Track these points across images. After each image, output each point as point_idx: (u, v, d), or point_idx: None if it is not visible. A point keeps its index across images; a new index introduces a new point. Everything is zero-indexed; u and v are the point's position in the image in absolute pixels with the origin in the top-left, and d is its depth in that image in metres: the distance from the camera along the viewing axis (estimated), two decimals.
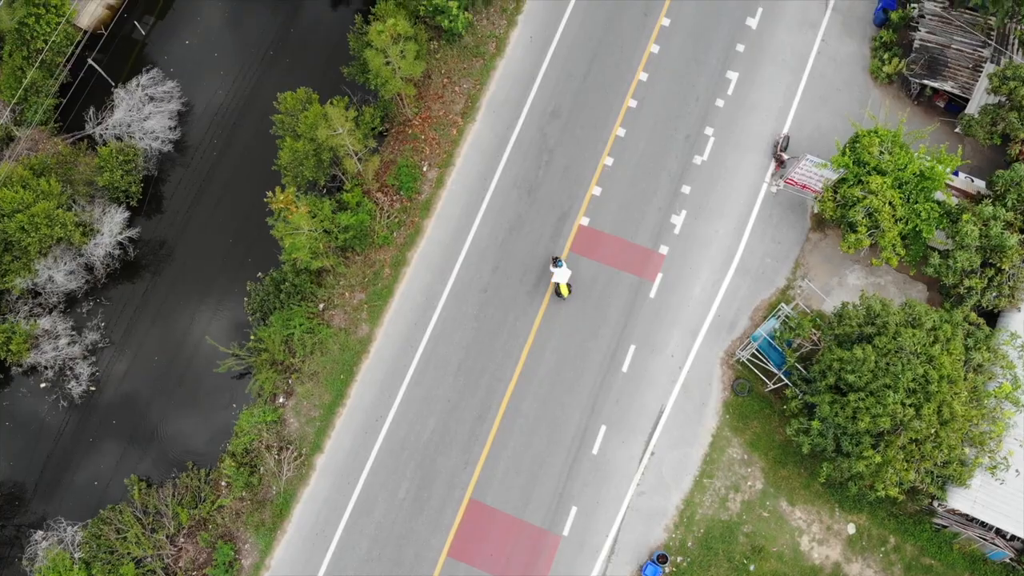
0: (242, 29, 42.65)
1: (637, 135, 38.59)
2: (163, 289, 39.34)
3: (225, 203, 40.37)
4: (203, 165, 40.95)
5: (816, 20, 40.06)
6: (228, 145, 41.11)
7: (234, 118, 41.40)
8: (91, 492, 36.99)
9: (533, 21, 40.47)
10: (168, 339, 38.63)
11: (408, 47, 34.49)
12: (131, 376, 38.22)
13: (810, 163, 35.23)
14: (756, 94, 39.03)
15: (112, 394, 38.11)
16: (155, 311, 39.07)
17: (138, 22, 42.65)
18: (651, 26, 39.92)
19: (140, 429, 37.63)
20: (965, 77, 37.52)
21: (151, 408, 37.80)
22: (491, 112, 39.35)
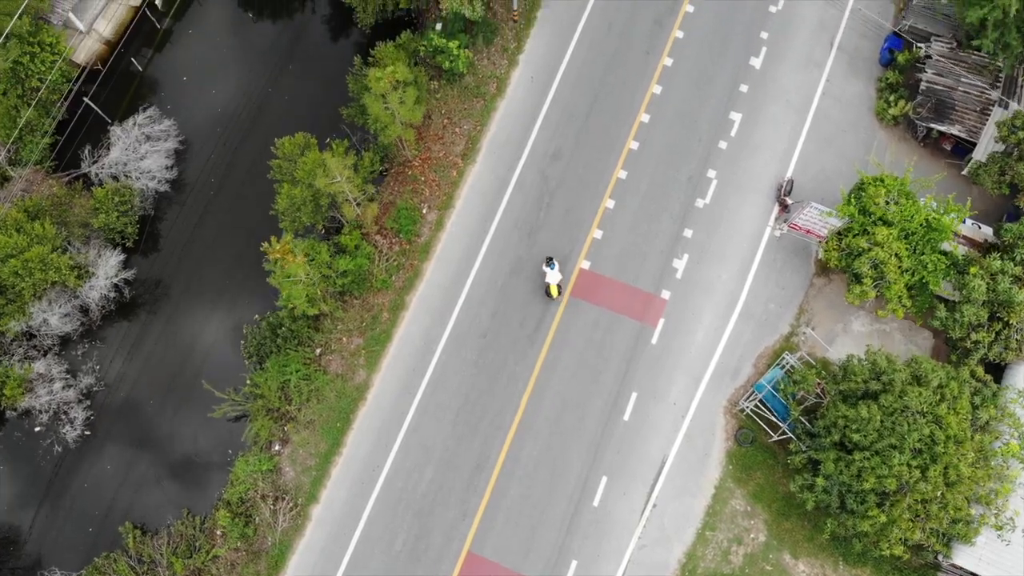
0: (240, 66, 42.26)
1: (639, 177, 38.11)
2: (159, 331, 38.91)
3: (222, 242, 39.94)
4: (200, 203, 40.54)
5: (821, 60, 39.59)
6: (225, 183, 40.71)
7: (232, 155, 41.00)
8: (85, 539, 36.51)
9: (534, 61, 40.04)
10: (164, 382, 38.16)
11: (408, 93, 34.06)
12: (126, 420, 37.76)
13: (815, 210, 34.71)
14: (760, 135, 38.55)
15: (107, 438, 37.65)
16: (151, 353, 38.62)
17: (135, 59, 42.29)
18: (653, 66, 39.46)
19: (135, 474, 37.15)
20: (972, 121, 36.99)
21: (146, 453, 37.33)
22: (491, 153, 38.90)
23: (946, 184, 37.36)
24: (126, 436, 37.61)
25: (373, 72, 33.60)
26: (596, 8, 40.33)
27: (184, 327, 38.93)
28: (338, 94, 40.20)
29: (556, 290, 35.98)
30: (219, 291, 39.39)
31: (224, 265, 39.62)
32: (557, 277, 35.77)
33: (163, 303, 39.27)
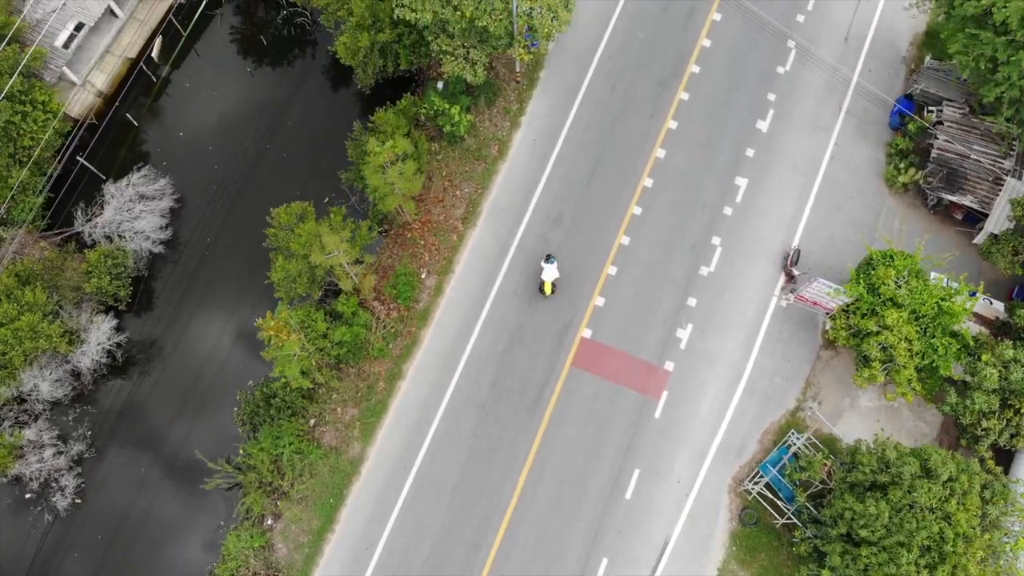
0: (238, 121, 41.54)
1: (642, 243, 37.32)
2: (152, 396, 38.16)
3: (216, 303, 39.24)
4: (195, 263, 39.83)
5: (829, 124, 38.81)
6: (221, 242, 40.00)
7: (227, 213, 40.30)
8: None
9: (537, 122, 39.31)
10: (156, 448, 37.41)
11: (407, 166, 33.33)
12: (118, 488, 36.98)
13: (823, 286, 33.87)
14: (766, 201, 37.75)
15: (98, 507, 36.86)
16: (143, 418, 37.88)
17: (132, 112, 41.63)
18: (657, 129, 38.71)
19: (126, 544, 36.33)
20: (984, 191, 36.16)
21: (137, 522, 36.51)
22: (493, 217, 38.14)
23: (955, 249, 36.58)
24: (117, 505, 36.81)
25: (372, 144, 32.88)
26: (600, 69, 39.62)
27: (177, 391, 38.17)
28: (337, 151, 39.52)
29: (550, 287, 35.53)
30: (213, 353, 38.63)
31: (219, 326, 38.90)
32: (553, 274, 35.41)
33: (156, 366, 38.52)
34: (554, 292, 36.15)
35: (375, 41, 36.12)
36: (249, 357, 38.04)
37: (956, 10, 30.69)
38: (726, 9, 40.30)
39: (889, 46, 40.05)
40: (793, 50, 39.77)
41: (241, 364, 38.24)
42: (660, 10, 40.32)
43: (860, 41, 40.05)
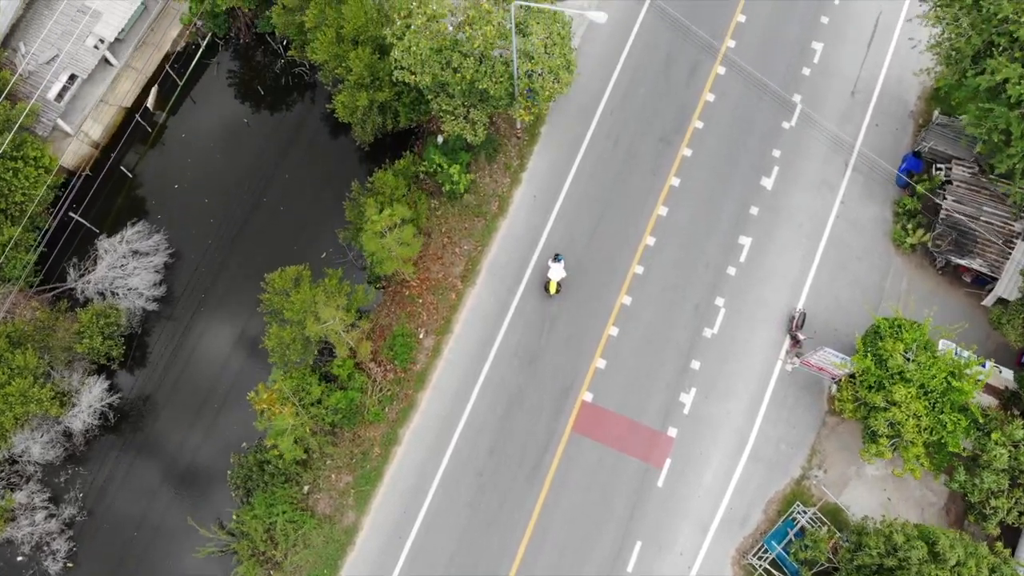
0: (234, 173, 40.92)
1: (643, 304, 36.61)
2: (144, 456, 37.50)
3: (210, 361, 38.57)
4: (189, 319, 39.18)
5: (835, 181, 38.10)
6: (214, 299, 39.37)
7: (222, 269, 39.66)
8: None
9: (537, 178, 38.64)
10: (149, 512, 36.71)
11: (405, 231, 32.67)
12: (109, 553, 36.29)
13: (828, 355, 33.14)
14: (770, 262, 37.03)
15: (90, 571, 36.16)
16: (135, 480, 37.20)
17: (126, 163, 41.02)
18: (660, 186, 38.03)
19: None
20: (994, 254, 35.42)
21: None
22: (492, 275, 37.45)
23: (964, 312, 35.91)
24: (109, 569, 36.12)
25: (371, 212, 32.24)
26: (602, 124, 38.96)
27: (170, 452, 37.50)
28: (335, 204, 38.99)
29: (555, 287, 35.66)
30: (207, 412, 37.95)
31: (213, 385, 38.22)
32: (560, 274, 35.38)
33: (149, 426, 37.87)
34: (559, 292, 36.11)
35: (374, 100, 35.48)
36: (243, 416, 37.19)
37: (968, 81, 29.99)
38: (730, 63, 39.65)
39: (897, 100, 39.35)
40: (799, 105, 39.08)
41: (235, 424, 37.52)
42: (663, 65, 39.68)
43: (867, 95, 39.37)
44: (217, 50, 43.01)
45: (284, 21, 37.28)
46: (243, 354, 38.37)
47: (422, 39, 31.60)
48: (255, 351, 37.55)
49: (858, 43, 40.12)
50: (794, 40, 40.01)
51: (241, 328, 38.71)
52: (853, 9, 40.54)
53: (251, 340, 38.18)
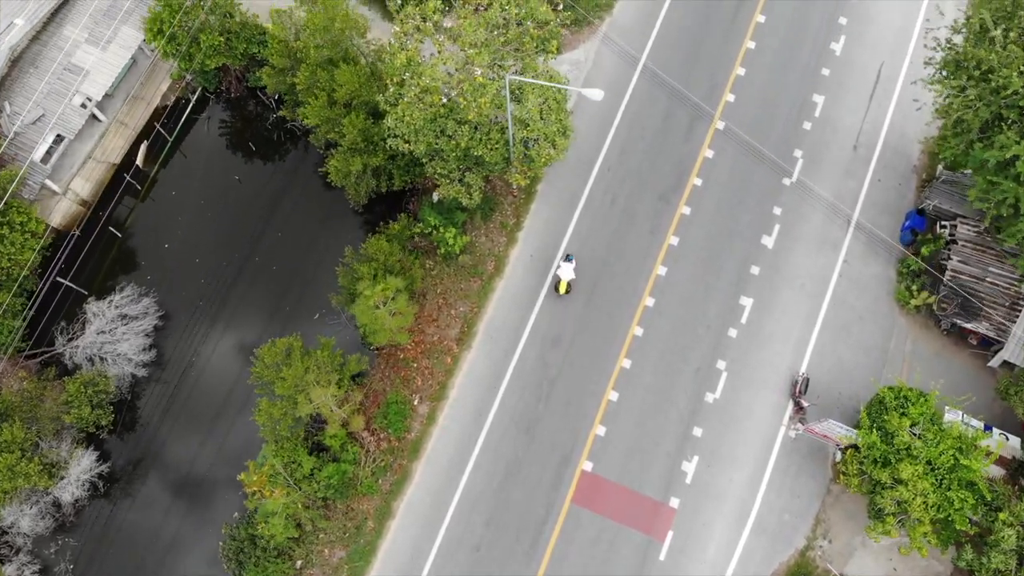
0: (225, 232, 40.16)
1: (644, 366, 35.86)
2: (135, 526, 36.68)
3: (201, 426, 37.77)
4: (178, 383, 38.38)
5: (838, 239, 37.36)
6: (204, 361, 38.56)
7: (212, 330, 38.88)
8: None
9: (534, 238, 37.91)
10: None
11: (399, 302, 31.93)
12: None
13: (833, 426, 32.39)
14: (772, 323, 36.28)
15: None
16: (126, 551, 36.40)
17: (115, 221, 40.22)
18: (658, 245, 37.30)
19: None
20: (1000, 316, 34.69)
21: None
22: (488, 338, 36.69)
23: (970, 375, 35.20)
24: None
25: (363, 286, 31.51)
26: (599, 182, 38.25)
27: (161, 521, 36.69)
28: (328, 264, 38.35)
29: (565, 286, 35.73)
30: (198, 479, 37.19)
31: (203, 451, 37.43)
32: (570, 274, 35.37)
33: (139, 496, 37.07)
34: (569, 292, 36.03)
35: (368, 164, 34.76)
36: (234, 484, 36.36)
37: (975, 153, 29.26)
38: (730, 117, 38.96)
39: (900, 154, 38.64)
40: (800, 160, 38.38)
41: (227, 492, 36.72)
42: (660, 121, 38.97)
43: (870, 149, 38.66)
44: (208, 104, 42.27)
45: (275, 82, 36.55)
46: (232, 419, 37.57)
47: (415, 110, 30.86)
48: (245, 415, 36.74)
49: (860, 95, 39.42)
50: (794, 93, 39.31)
51: (231, 390, 37.93)
52: (855, 60, 39.84)
53: (240, 404, 37.40)
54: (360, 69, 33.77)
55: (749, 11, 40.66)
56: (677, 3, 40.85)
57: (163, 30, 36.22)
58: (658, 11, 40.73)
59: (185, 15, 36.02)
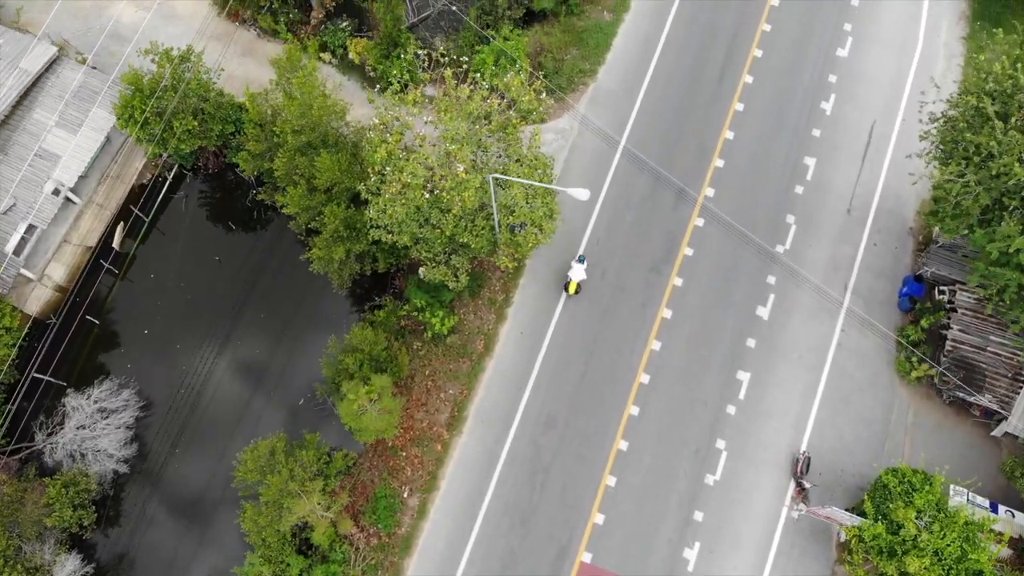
0: (206, 315, 39.00)
1: (642, 449, 34.89)
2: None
3: (186, 519, 36.63)
4: (160, 474, 37.22)
5: (834, 307, 36.49)
6: (186, 452, 37.36)
7: (194, 419, 37.68)
8: None
9: (524, 314, 36.93)
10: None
11: (385, 400, 30.91)
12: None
13: (837, 513, 31.49)
14: (770, 398, 35.37)
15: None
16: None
17: (92, 310, 39.04)
18: (651, 319, 36.37)
19: None
20: (1003, 388, 33.86)
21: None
22: (480, 422, 35.68)
23: (975, 446, 34.40)
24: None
25: (347, 388, 30.48)
26: (588, 250, 37.25)
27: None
28: (312, 349, 37.39)
29: (575, 287, 35.75)
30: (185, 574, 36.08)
31: (190, 545, 36.29)
32: (581, 275, 35.34)
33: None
34: (578, 292, 35.94)
35: (351, 251, 33.72)
36: None
37: (976, 237, 28.41)
38: (719, 183, 38.09)
39: (895, 216, 37.83)
40: (793, 226, 37.53)
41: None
42: (648, 189, 38.09)
43: (864, 212, 37.83)
44: (186, 180, 41.18)
45: (252, 166, 35.52)
46: (216, 513, 36.42)
47: (397, 205, 29.88)
48: (229, 509, 35.52)
49: (852, 156, 38.62)
50: (785, 156, 38.49)
51: (211, 477, 36.77)
52: (846, 120, 39.05)
53: (224, 498, 36.15)
54: (340, 157, 32.73)
55: (736, 71, 39.83)
56: (662, 67, 39.99)
57: (134, 116, 35.09)
58: (642, 76, 39.84)
59: (157, 100, 34.92)
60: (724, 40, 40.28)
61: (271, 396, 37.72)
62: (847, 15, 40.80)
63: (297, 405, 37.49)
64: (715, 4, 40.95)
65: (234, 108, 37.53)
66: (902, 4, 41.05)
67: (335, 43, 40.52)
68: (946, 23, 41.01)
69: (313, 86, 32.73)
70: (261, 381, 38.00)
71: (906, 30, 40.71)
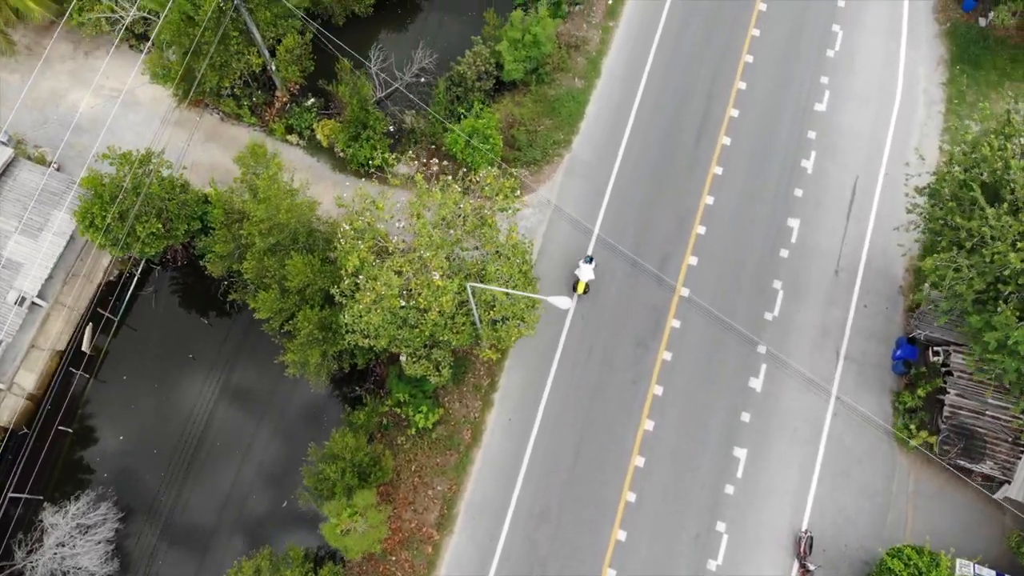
0: (182, 416, 37.65)
1: (639, 538, 33.84)
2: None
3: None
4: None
5: (828, 374, 35.64)
6: (170, 561, 36.06)
7: (173, 526, 36.31)
8: None
9: (511, 399, 35.88)
10: None
11: (370, 516, 29.79)
12: None
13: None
14: (769, 476, 34.43)
15: None
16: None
17: (65, 418, 37.64)
18: (642, 396, 35.40)
19: None
20: (1004, 453, 33.09)
21: None
22: (471, 519, 34.55)
23: (976, 513, 33.63)
24: None
25: (330, 509, 29.36)
26: (572, 332, 36.32)
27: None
28: (294, 447, 36.18)
29: (583, 287, 35.76)
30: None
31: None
32: (589, 275, 35.24)
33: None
34: (587, 292, 36.01)
35: (327, 351, 32.60)
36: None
37: (971, 321, 27.58)
38: (702, 252, 37.20)
39: (883, 275, 37.03)
40: (780, 291, 36.66)
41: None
42: (630, 260, 37.09)
43: (852, 273, 37.03)
44: (154, 274, 39.92)
45: (220, 268, 34.35)
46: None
47: (373, 315, 28.80)
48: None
49: (836, 215, 37.83)
50: (768, 220, 37.64)
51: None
52: (828, 177, 38.28)
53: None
54: (312, 259, 31.61)
55: (713, 134, 38.99)
56: (637, 133, 39.10)
57: (95, 223, 33.86)
58: (617, 145, 38.93)
59: (119, 204, 33.70)
60: (699, 102, 39.43)
61: (252, 498, 36.48)
62: (823, 67, 40.05)
63: (280, 508, 36.27)
64: (688, 65, 40.11)
65: (199, 204, 36.33)
66: (879, 53, 40.34)
67: (301, 125, 39.40)
68: (924, 69, 40.31)
69: (279, 188, 31.61)
70: (241, 483, 36.75)
71: (884, 79, 39.99)
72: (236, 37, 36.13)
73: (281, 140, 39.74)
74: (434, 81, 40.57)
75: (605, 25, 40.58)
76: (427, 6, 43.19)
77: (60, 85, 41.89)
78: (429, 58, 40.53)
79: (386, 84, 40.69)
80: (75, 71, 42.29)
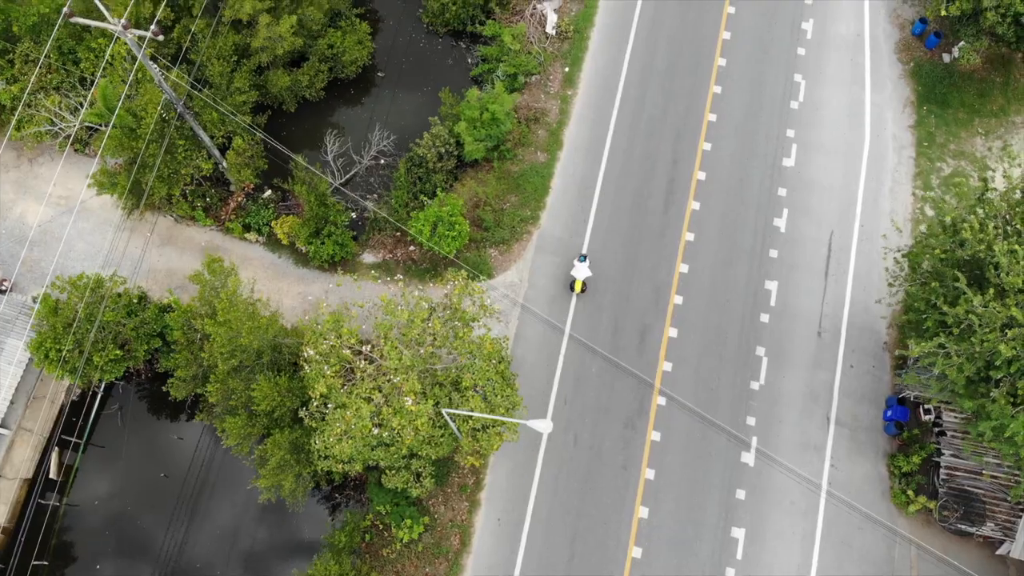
0: (158, 537, 36.04)
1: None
2: None
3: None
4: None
5: (820, 441, 34.82)
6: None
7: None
8: None
9: (498, 497, 34.73)
10: None
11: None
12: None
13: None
14: (769, 553, 33.56)
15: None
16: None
17: (39, 552, 36.13)
18: (635, 482, 34.41)
19: None
20: (1004, 513, 32.39)
21: None
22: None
23: (981, 569, 32.97)
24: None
25: None
26: (557, 420, 35.17)
27: None
28: (278, 567, 34.79)
29: (580, 286, 35.61)
30: None
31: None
32: (585, 273, 35.09)
33: None
34: (584, 291, 35.81)
35: (301, 473, 31.32)
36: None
37: (963, 404, 26.79)
38: (682, 323, 36.27)
39: (867, 332, 36.27)
40: (764, 358, 35.80)
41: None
42: (610, 337, 36.14)
43: (835, 333, 36.24)
44: (118, 390, 38.38)
45: (184, 391, 32.99)
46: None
47: (344, 445, 27.58)
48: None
49: (814, 273, 37.03)
50: (745, 285, 36.78)
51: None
52: (802, 235, 37.50)
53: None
54: (279, 380, 30.34)
55: (682, 199, 38.08)
56: (605, 204, 38.14)
57: (50, 356, 32.41)
58: (586, 217, 37.92)
59: (74, 335, 32.26)
60: (664, 166, 38.52)
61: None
62: (788, 120, 39.27)
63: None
64: (651, 129, 39.19)
65: (158, 320, 34.89)
66: (843, 100, 39.62)
67: (259, 222, 38.09)
68: (891, 113, 39.62)
69: (240, 310, 30.31)
70: (228, 546, 35.40)
71: (851, 127, 39.28)
72: (183, 145, 34.80)
73: (239, 239, 38.40)
74: (394, 163, 39.46)
75: (563, 94, 39.56)
76: (379, 84, 41.98)
77: (5, 196, 40.30)
78: (386, 139, 39.44)
79: (345, 169, 39.49)
80: (20, 180, 40.71)
